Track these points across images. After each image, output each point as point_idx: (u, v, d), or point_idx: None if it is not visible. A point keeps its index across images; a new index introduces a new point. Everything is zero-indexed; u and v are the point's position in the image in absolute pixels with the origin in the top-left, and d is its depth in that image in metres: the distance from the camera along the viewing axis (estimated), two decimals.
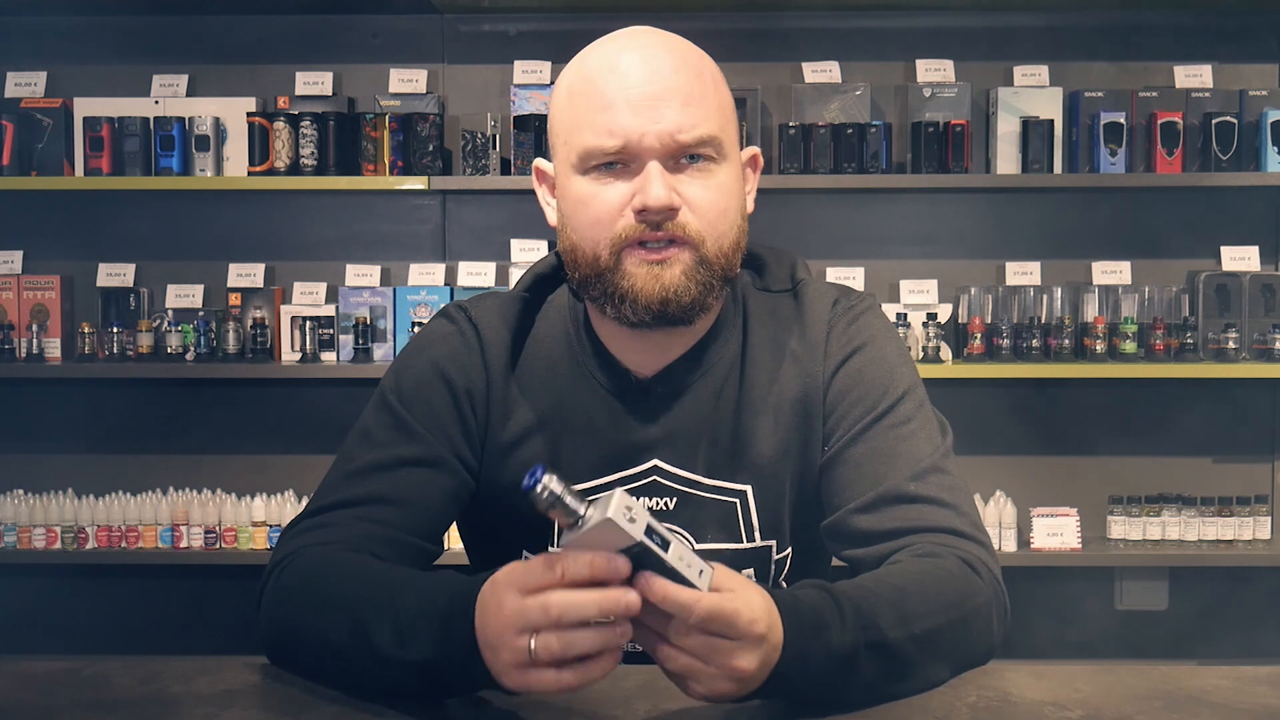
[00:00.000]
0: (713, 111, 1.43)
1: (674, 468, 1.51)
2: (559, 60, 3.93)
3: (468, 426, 1.51)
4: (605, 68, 1.44)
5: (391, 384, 1.53)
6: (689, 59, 1.45)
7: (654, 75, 1.42)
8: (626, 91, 1.41)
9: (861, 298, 1.57)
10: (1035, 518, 3.84)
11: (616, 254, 1.42)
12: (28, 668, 1.37)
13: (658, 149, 1.41)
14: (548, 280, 1.58)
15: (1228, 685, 1.32)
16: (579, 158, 1.43)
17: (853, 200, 3.96)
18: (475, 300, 1.58)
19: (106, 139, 3.84)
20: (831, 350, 1.52)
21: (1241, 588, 3.99)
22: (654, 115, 1.40)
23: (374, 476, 1.47)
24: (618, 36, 1.48)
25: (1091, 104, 3.82)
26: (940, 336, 3.78)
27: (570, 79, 1.47)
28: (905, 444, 1.47)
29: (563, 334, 1.54)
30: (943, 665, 1.32)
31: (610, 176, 1.42)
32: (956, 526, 1.42)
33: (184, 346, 3.89)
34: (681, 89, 1.42)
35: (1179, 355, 3.79)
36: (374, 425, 1.51)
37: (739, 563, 1.52)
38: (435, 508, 1.48)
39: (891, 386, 1.50)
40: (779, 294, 1.56)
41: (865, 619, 1.24)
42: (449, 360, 1.52)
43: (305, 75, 3.96)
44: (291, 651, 1.36)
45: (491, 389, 1.52)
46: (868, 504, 1.45)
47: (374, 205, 4.04)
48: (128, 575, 4.01)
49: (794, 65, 3.91)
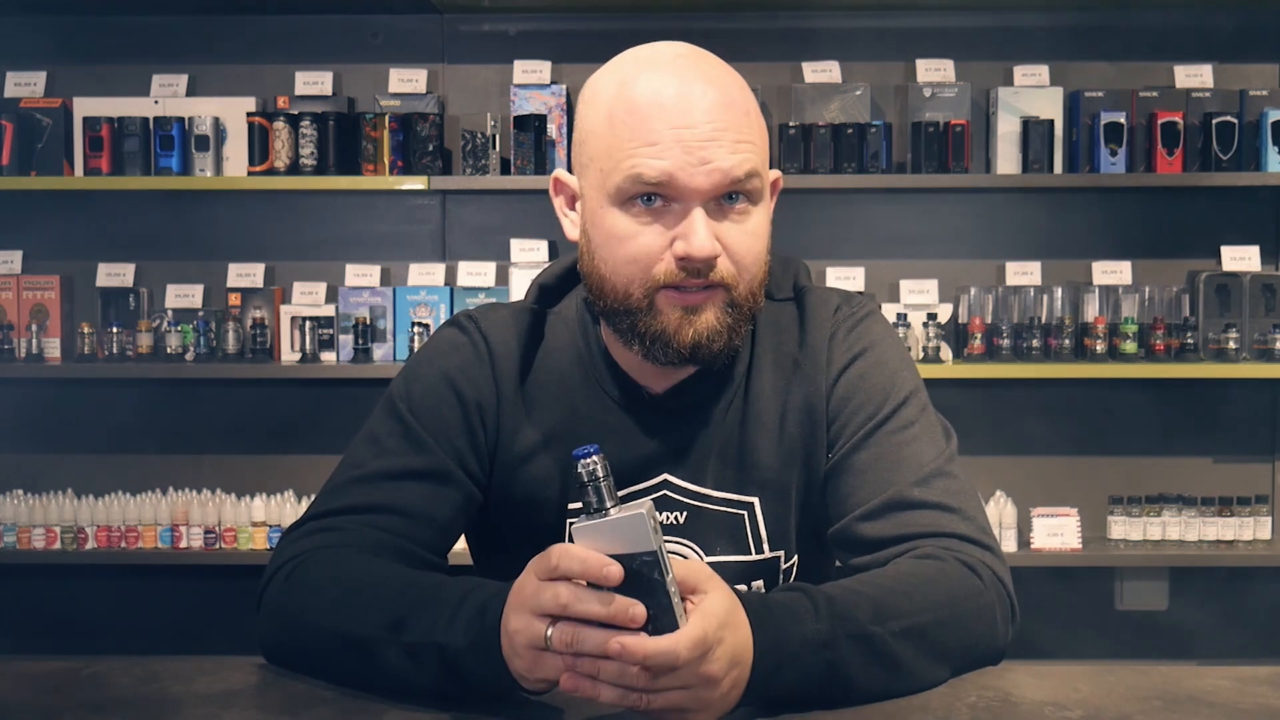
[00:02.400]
0: (757, 151, 1.42)
1: (683, 481, 1.51)
2: (559, 60, 3.94)
3: (476, 439, 1.51)
4: (652, 99, 1.39)
5: (401, 391, 1.53)
6: (734, 95, 1.42)
7: (705, 115, 1.39)
8: (676, 130, 1.38)
9: (863, 303, 1.57)
10: (1035, 518, 3.84)
11: (650, 295, 1.41)
12: (28, 668, 1.37)
13: (705, 191, 1.39)
14: (552, 291, 1.58)
15: (1228, 685, 1.32)
16: (617, 189, 1.40)
17: (853, 200, 3.96)
18: (484, 311, 1.57)
19: (106, 139, 3.84)
20: (834, 357, 1.52)
21: (1241, 588, 3.99)
22: (703, 156, 1.38)
23: (382, 485, 1.47)
24: (660, 59, 1.44)
25: (1091, 104, 3.82)
26: (940, 336, 3.78)
27: (611, 102, 1.43)
28: (908, 449, 1.47)
29: (572, 347, 1.54)
30: (938, 663, 1.31)
31: (649, 215, 1.40)
32: (961, 531, 1.42)
33: (184, 346, 3.89)
34: (731, 130, 1.39)
35: (1179, 355, 3.79)
36: (383, 432, 1.51)
37: (748, 575, 1.53)
38: (442, 522, 1.48)
39: (894, 392, 1.50)
40: (782, 302, 1.56)
41: (840, 609, 1.25)
42: (459, 372, 1.52)
43: (305, 75, 3.96)
44: (298, 650, 1.36)
45: (502, 402, 1.52)
46: (872, 511, 1.44)
47: (374, 205, 4.04)
48: (128, 575, 4.01)
49: (794, 65, 3.91)
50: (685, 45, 1.47)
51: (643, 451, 1.51)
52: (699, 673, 1.14)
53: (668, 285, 1.40)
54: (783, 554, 1.53)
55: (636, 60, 1.45)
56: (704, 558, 1.51)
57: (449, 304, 3.87)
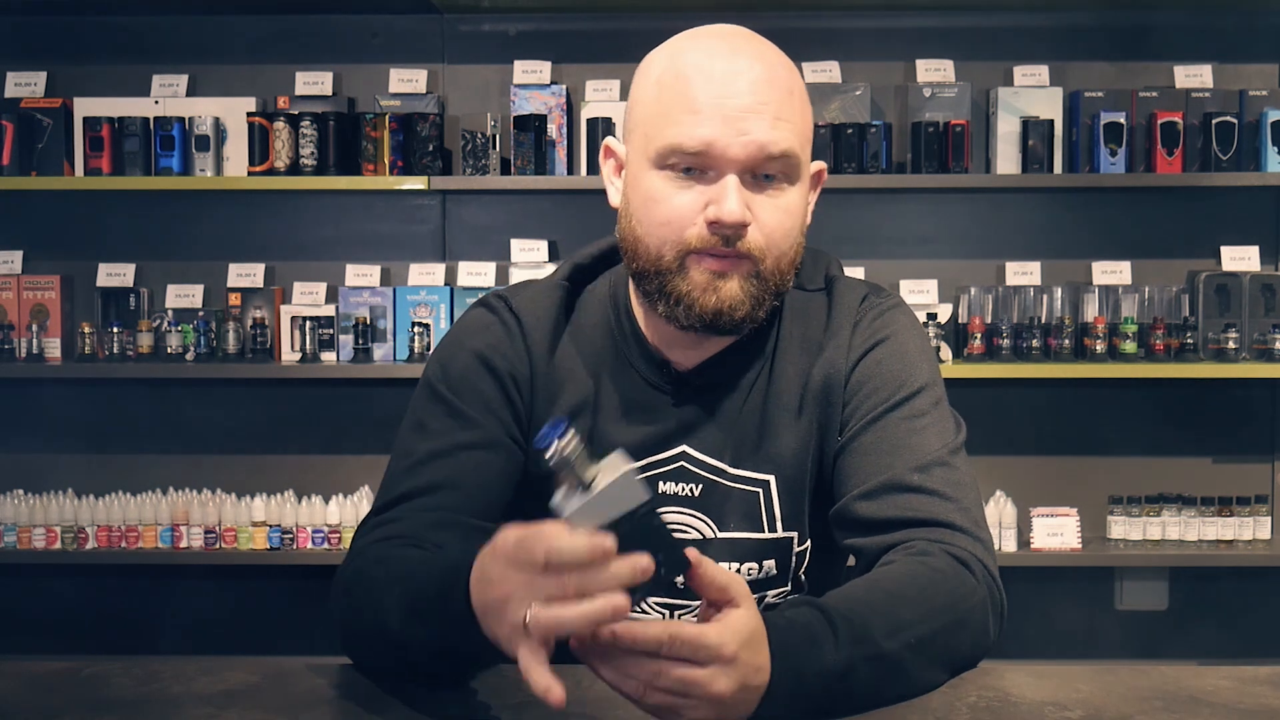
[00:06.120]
0: (797, 130, 1.45)
1: (701, 455, 1.53)
2: (559, 60, 3.94)
3: (516, 410, 1.54)
4: (699, 69, 1.44)
5: (438, 374, 1.55)
6: (781, 75, 1.47)
7: (749, 88, 1.43)
8: (719, 100, 1.42)
9: (891, 295, 1.60)
10: (1035, 518, 3.84)
11: (680, 258, 1.44)
12: (28, 668, 1.37)
13: (741, 161, 1.42)
14: (586, 270, 1.61)
15: (1228, 685, 1.32)
16: (657, 153, 1.43)
17: (853, 200, 3.96)
18: (514, 289, 1.61)
19: (106, 139, 3.84)
20: (855, 343, 1.54)
21: (1241, 588, 3.99)
22: (742, 128, 1.41)
23: (433, 465, 1.49)
24: (714, 34, 1.49)
25: (1091, 104, 3.82)
26: (940, 336, 3.78)
27: (660, 70, 1.47)
28: (915, 436, 1.48)
29: (604, 323, 1.57)
30: (939, 669, 1.32)
31: (686, 180, 1.43)
32: (954, 520, 1.43)
33: (184, 346, 3.89)
34: (772, 105, 1.43)
35: (1179, 355, 3.79)
36: (426, 416, 1.53)
37: (761, 553, 1.54)
38: (495, 488, 1.50)
39: (909, 380, 1.51)
40: (813, 292, 1.59)
41: (859, 632, 1.24)
42: (492, 349, 1.54)
43: (305, 75, 3.96)
44: (359, 649, 1.38)
45: (535, 374, 1.54)
46: (870, 491, 1.46)
47: (374, 205, 4.04)
48: (128, 575, 4.01)
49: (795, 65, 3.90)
50: (740, 28, 1.52)
51: (665, 425, 1.53)
52: (708, 692, 1.12)
53: (698, 249, 1.43)
54: (796, 536, 1.55)
55: (691, 35, 1.50)
56: (717, 533, 1.53)
57: (449, 304, 3.87)
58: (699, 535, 1.53)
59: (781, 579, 1.56)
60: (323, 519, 3.84)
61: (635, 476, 1.11)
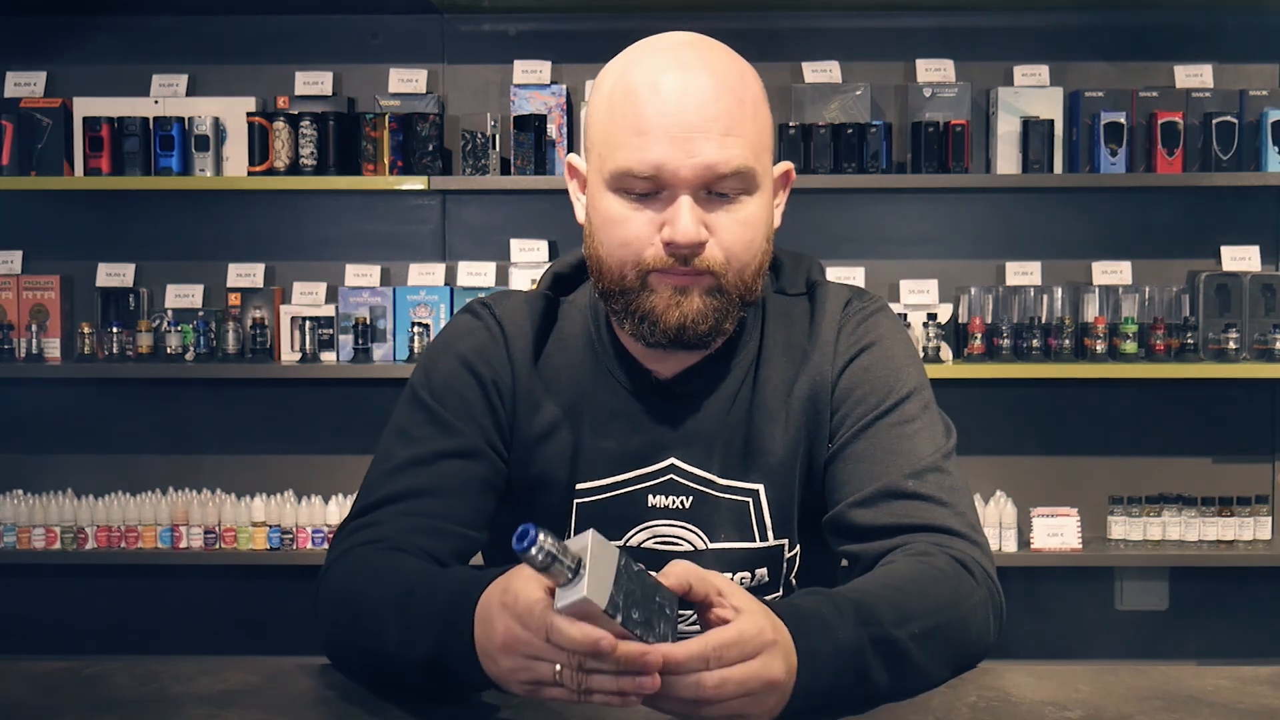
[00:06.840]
0: (750, 142, 1.42)
1: (690, 466, 1.53)
2: (559, 60, 3.94)
3: (498, 417, 1.54)
4: (647, 86, 1.42)
5: (422, 380, 1.56)
6: (732, 83, 1.43)
7: (695, 104, 1.40)
8: (664, 119, 1.40)
9: (874, 299, 1.59)
10: (1035, 518, 3.83)
11: (642, 277, 1.44)
12: (28, 668, 1.37)
13: (691, 181, 1.40)
14: (566, 280, 1.61)
15: (1228, 685, 1.32)
16: (611, 175, 1.43)
17: (853, 200, 3.96)
18: (498, 297, 1.61)
19: (106, 139, 3.84)
20: (841, 349, 1.54)
21: (1241, 588, 3.99)
22: (690, 148, 1.39)
23: (413, 471, 1.49)
24: (664, 47, 1.46)
25: (1091, 104, 3.82)
26: (940, 336, 3.78)
27: (611, 87, 1.46)
28: (907, 442, 1.48)
29: (584, 333, 1.56)
30: (943, 665, 1.32)
31: (640, 201, 1.43)
32: (951, 525, 1.43)
33: (184, 346, 3.89)
34: (721, 119, 1.40)
35: (1179, 355, 3.79)
36: (409, 423, 1.53)
37: (753, 562, 1.54)
38: (476, 496, 1.50)
39: (897, 385, 1.51)
40: (794, 297, 1.58)
41: (866, 614, 1.24)
42: (475, 354, 1.54)
43: (305, 75, 3.96)
44: (344, 655, 1.38)
45: (517, 382, 1.54)
46: (865, 498, 1.46)
47: (374, 205, 4.04)
48: (128, 575, 4.01)
49: (794, 65, 3.91)
50: (694, 35, 1.49)
51: (650, 436, 1.53)
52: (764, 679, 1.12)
53: (657, 269, 1.43)
54: (786, 542, 1.55)
55: (642, 48, 1.48)
56: (708, 544, 1.53)
57: (449, 304, 3.87)
58: (690, 547, 1.53)
59: (773, 586, 1.56)
60: (322, 519, 3.84)
61: (598, 536, 1.08)
